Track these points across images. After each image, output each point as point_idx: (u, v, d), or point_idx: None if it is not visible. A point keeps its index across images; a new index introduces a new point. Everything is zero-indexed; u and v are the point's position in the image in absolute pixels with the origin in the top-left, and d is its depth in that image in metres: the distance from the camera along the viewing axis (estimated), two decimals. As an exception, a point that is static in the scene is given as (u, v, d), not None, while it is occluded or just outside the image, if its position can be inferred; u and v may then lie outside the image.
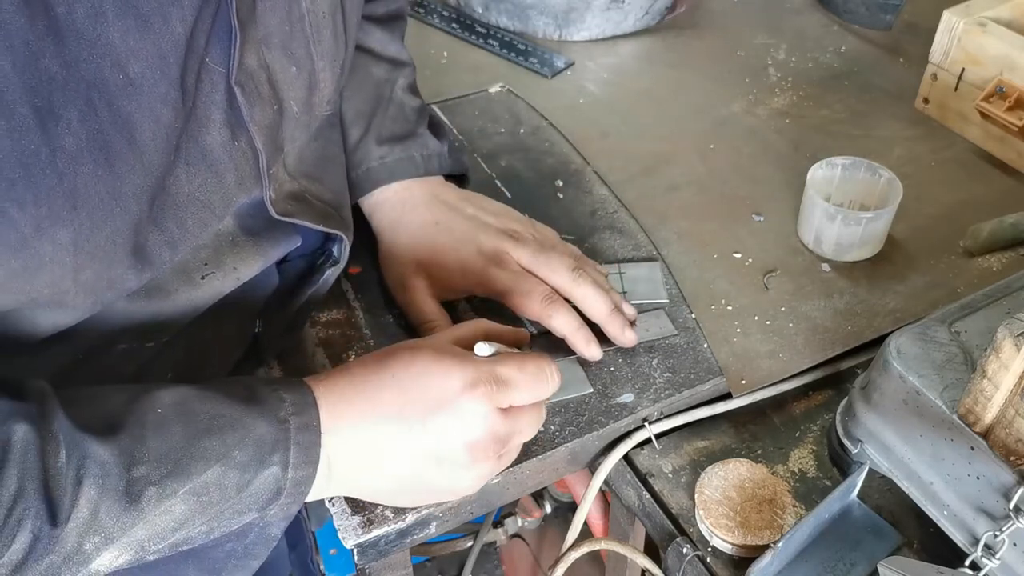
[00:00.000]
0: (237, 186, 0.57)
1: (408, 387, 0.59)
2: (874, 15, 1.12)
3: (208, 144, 0.54)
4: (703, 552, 0.64)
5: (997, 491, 0.55)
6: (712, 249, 0.85)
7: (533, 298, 0.73)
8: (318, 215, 0.66)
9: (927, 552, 0.64)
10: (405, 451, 0.59)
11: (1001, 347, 0.52)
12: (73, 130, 0.46)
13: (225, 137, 0.54)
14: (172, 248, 0.55)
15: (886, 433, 0.62)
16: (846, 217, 0.81)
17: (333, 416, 0.57)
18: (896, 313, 0.79)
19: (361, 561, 0.65)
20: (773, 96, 1.05)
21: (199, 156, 0.53)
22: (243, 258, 0.64)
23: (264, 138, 0.57)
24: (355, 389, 0.59)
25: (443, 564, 1.62)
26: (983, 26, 0.92)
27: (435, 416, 0.58)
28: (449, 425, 0.59)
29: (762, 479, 0.67)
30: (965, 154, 0.97)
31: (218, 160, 0.55)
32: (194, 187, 0.54)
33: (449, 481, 0.61)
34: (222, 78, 0.53)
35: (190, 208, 0.54)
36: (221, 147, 0.54)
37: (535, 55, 1.09)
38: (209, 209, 0.56)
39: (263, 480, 0.54)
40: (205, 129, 0.53)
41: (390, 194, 0.80)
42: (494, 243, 0.76)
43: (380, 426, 0.58)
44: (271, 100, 0.57)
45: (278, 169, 0.62)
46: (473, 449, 0.59)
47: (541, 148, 0.97)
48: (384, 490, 0.62)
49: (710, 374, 0.74)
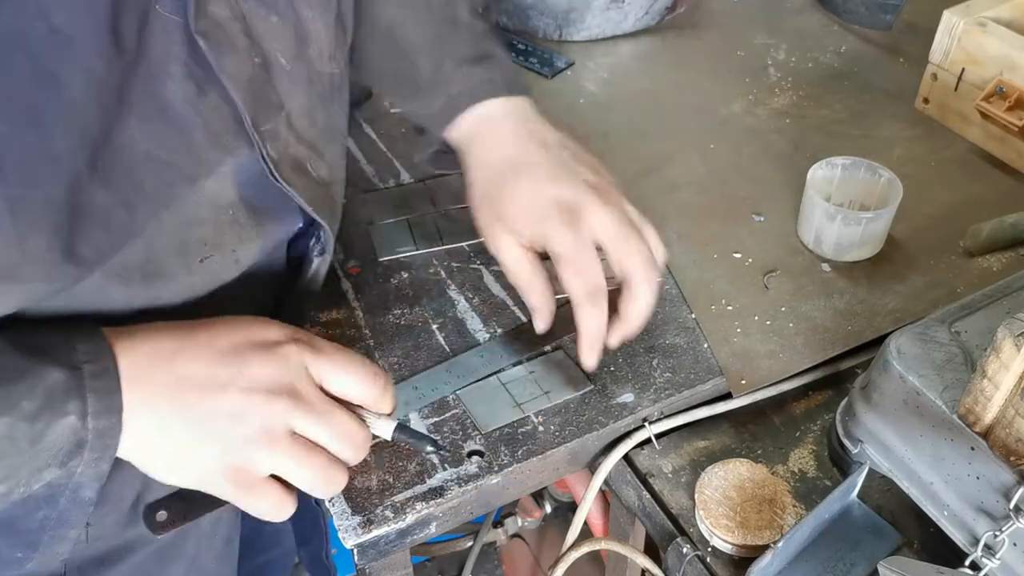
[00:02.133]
0: (211, 144, 0.54)
1: (218, 327, 0.56)
2: (874, 15, 1.12)
3: (167, 98, 0.50)
4: (703, 552, 0.64)
5: (997, 491, 0.55)
6: (712, 249, 0.85)
7: (583, 281, 0.66)
8: (309, 193, 0.62)
9: (927, 552, 0.64)
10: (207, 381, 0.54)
11: (1001, 347, 0.52)
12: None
13: (189, 91, 0.51)
14: (130, 210, 0.51)
15: (886, 433, 0.62)
16: (846, 217, 0.81)
17: (130, 361, 0.53)
18: (896, 313, 0.79)
19: (361, 561, 0.65)
20: (773, 96, 1.05)
21: (156, 111, 0.50)
22: (242, 238, 0.61)
23: (245, 92, 0.54)
24: (159, 333, 0.55)
25: (443, 564, 1.62)
26: (983, 26, 0.92)
27: (248, 351, 0.54)
28: (259, 361, 0.54)
29: (762, 479, 0.67)
30: (965, 154, 0.97)
31: (181, 115, 0.51)
32: (152, 144, 0.51)
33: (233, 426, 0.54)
34: (178, 28, 0.50)
35: (147, 167, 0.51)
36: (184, 101, 0.51)
37: (535, 55, 1.09)
38: (173, 168, 0.52)
39: (59, 431, 0.50)
40: (161, 82, 0.50)
41: (473, 123, 0.72)
42: (577, 196, 0.67)
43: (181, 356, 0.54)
44: (249, 52, 0.54)
45: (279, 128, 0.58)
46: (273, 392, 0.54)
47: (541, 148, 0.97)
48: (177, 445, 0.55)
49: (710, 374, 0.74)
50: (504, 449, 0.69)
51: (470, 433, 0.70)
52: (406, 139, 0.98)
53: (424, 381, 0.73)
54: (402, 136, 0.98)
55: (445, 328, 0.78)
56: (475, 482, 0.67)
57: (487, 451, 0.68)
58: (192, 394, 0.53)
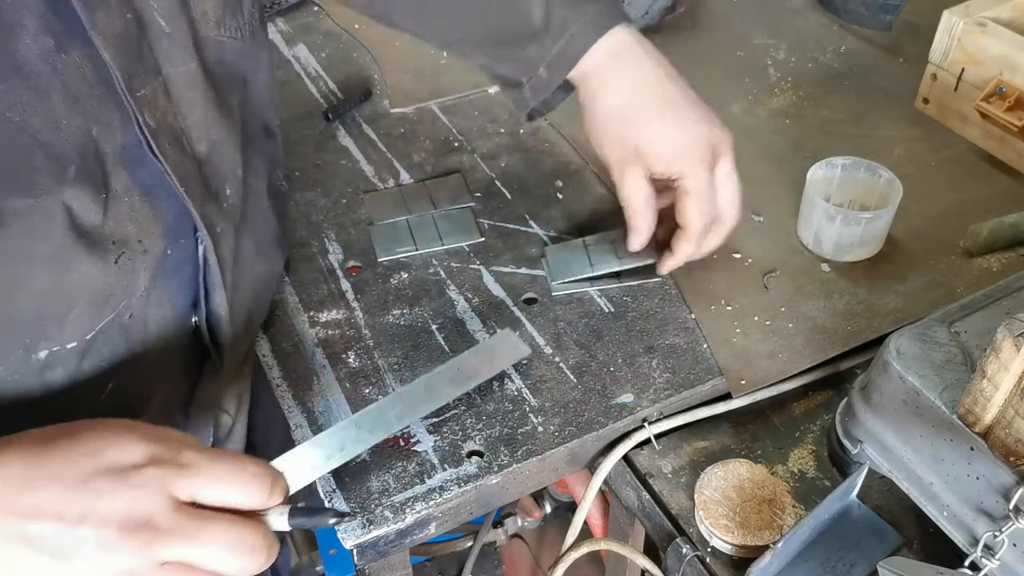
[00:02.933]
0: (69, 106, 0.50)
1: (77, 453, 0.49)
2: (874, 15, 1.12)
3: (20, 54, 0.47)
4: (703, 552, 0.64)
5: (997, 491, 0.55)
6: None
7: (703, 219, 0.74)
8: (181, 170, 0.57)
9: (927, 552, 0.64)
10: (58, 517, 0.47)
11: (1001, 347, 0.52)
12: None
13: (45, 46, 0.48)
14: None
15: (886, 433, 0.62)
16: (846, 217, 0.81)
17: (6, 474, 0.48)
18: (896, 313, 0.79)
19: (361, 561, 0.65)
20: (773, 96, 1.05)
21: (9, 69, 0.47)
22: (143, 226, 0.57)
23: (115, 50, 0.50)
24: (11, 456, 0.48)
25: (443, 564, 1.62)
26: (983, 26, 0.92)
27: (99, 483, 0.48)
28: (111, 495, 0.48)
29: (762, 479, 0.67)
30: (965, 154, 0.97)
31: (36, 73, 0.48)
32: (4, 106, 0.47)
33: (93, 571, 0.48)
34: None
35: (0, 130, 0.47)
36: (40, 58, 0.48)
37: (535, 55, 1.09)
38: (27, 132, 0.48)
39: None
40: (14, 36, 0.47)
41: (601, 57, 0.74)
42: (718, 140, 0.74)
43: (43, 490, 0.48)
44: (120, 8, 0.51)
45: (156, 94, 0.55)
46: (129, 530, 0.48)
47: (541, 148, 0.97)
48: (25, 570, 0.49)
49: (710, 374, 0.74)
50: (504, 449, 0.69)
51: (470, 433, 0.70)
52: (406, 139, 0.98)
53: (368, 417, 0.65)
54: (402, 136, 0.98)
55: (445, 328, 0.78)
56: (475, 482, 0.67)
57: (487, 451, 0.68)
58: (42, 530, 0.47)
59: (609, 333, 0.77)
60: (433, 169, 0.94)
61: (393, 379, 0.74)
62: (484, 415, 0.71)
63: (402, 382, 0.73)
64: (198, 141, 0.60)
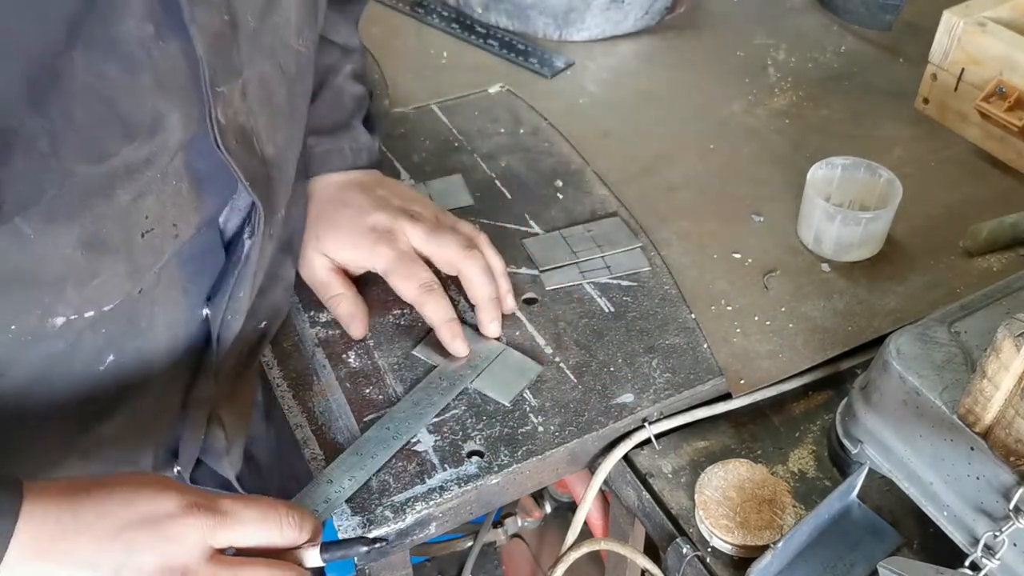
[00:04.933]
0: (157, 89, 0.52)
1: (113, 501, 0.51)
2: (874, 15, 1.12)
3: (121, 34, 0.49)
4: (703, 552, 0.64)
5: (997, 491, 0.55)
6: (712, 249, 0.85)
7: (411, 282, 0.74)
8: (249, 168, 0.60)
9: (927, 552, 0.64)
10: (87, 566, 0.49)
11: (1001, 347, 0.52)
12: None
13: (146, 32, 0.50)
14: (52, 139, 0.48)
15: (886, 433, 0.62)
16: (846, 217, 0.81)
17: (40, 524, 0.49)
18: (896, 313, 0.79)
19: (361, 561, 0.65)
20: (773, 96, 1.05)
21: (106, 44, 0.49)
22: (183, 210, 0.59)
23: (208, 46, 0.53)
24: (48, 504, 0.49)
25: (443, 564, 1.62)
26: (983, 26, 0.92)
27: (135, 534, 0.50)
28: (149, 547, 0.50)
29: (762, 479, 0.67)
30: (965, 154, 0.97)
31: (131, 54, 0.50)
32: (91, 76, 0.49)
33: None
34: None
35: (81, 97, 0.49)
36: (138, 42, 0.50)
37: (535, 55, 1.09)
38: (107, 104, 0.50)
39: None
40: (118, 17, 0.48)
41: (315, 185, 0.79)
42: (389, 221, 0.76)
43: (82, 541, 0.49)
44: (222, 8, 0.54)
45: (234, 93, 0.57)
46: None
47: (541, 148, 0.97)
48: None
49: (710, 374, 0.74)
50: (504, 449, 0.69)
51: (470, 433, 0.70)
52: (406, 139, 0.98)
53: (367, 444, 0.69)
54: (402, 136, 0.98)
55: (445, 328, 0.78)
56: (475, 482, 0.67)
57: (487, 451, 0.68)
58: None
59: (609, 333, 0.77)
60: (433, 169, 0.94)
61: (393, 379, 0.74)
62: (484, 415, 0.71)
63: (402, 382, 0.73)
64: (267, 143, 0.62)
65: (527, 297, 0.81)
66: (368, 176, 0.82)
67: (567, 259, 0.83)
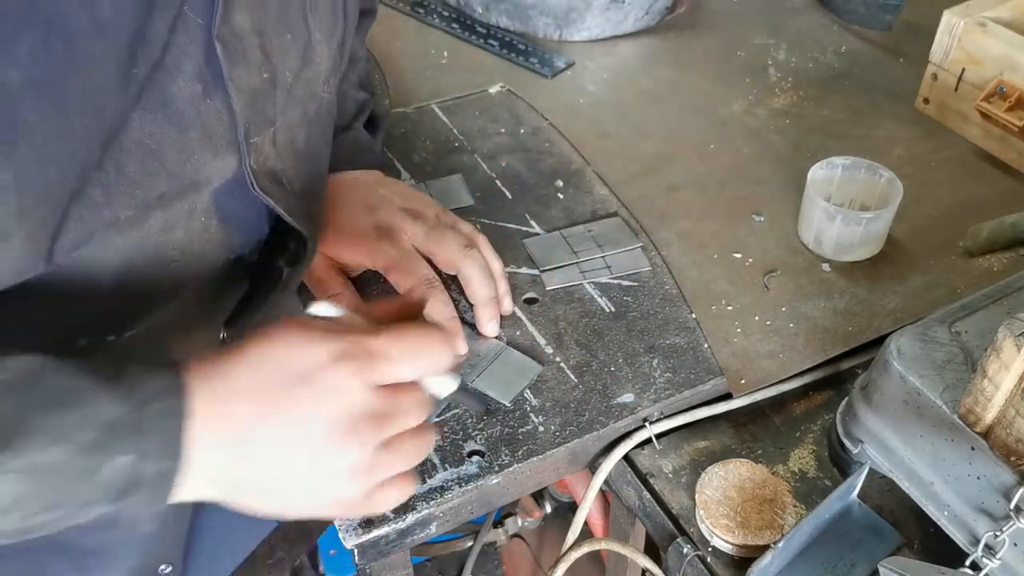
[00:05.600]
0: (203, 144, 0.54)
1: (267, 365, 0.51)
2: (874, 15, 1.12)
3: (172, 93, 0.52)
4: (703, 552, 0.64)
5: (997, 491, 0.55)
6: (712, 249, 0.85)
7: (413, 279, 0.74)
8: (285, 203, 0.62)
9: (927, 552, 0.64)
10: (269, 442, 0.51)
11: (1001, 347, 0.52)
12: (20, 64, 0.44)
13: (194, 91, 0.53)
14: (106, 190, 0.50)
15: (886, 433, 0.62)
16: (846, 217, 0.81)
17: (202, 404, 0.50)
18: (896, 313, 0.79)
19: (361, 561, 0.65)
20: (773, 96, 1.05)
21: (159, 103, 0.51)
22: (210, 247, 0.61)
23: (245, 103, 0.55)
24: (222, 374, 0.51)
25: (443, 564, 1.62)
26: (983, 26, 0.92)
27: (297, 394, 0.50)
28: (311, 402, 0.50)
29: (762, 479, 0.67)
30: (965, 154, 0.97)
31: (181, 112, 0.52)
32: (144, 133, 0.51)
33: (326, 477, 0.52)
34: (200, 30, 0.51)
35: (134, 152, 0.51)
36: (188, 100, 0.52)
37: (535, 55, 1.09)
38: (157, 158, 0.52)
39: (114, 468, 0.47)
40: (171, 78, 0.51)
41: None
42: (390, 219, 0.77)
43: (242, 414, 0.50)
44: (261, 66, 0.56)
45: (265, 142, 0.59)
46: (344, 431, 0.51)
47: (541, 148, 0.97)
48: (263, 491, 0.53)
49: (710, 374, 0.74)
50: (504, 449, 0.69)
51: (470, 433, 0.70)
52: (406, 139, 0.98)
53: None
54: (402, 136, 0.98)
55: (445, 328, 0.78)
56: (475, 482, 0.67)
57: (487, 451, 0.68)
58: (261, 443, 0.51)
59: (610, 333, 0.77)
60: (433, 169, 0.94)
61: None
62: (485, 415, 0.71)
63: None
64: (294, 181, 0.65)
65: (527, 297, 0.81)
66: (368, 176, 0.82)
67: (567, 259, 0.83)
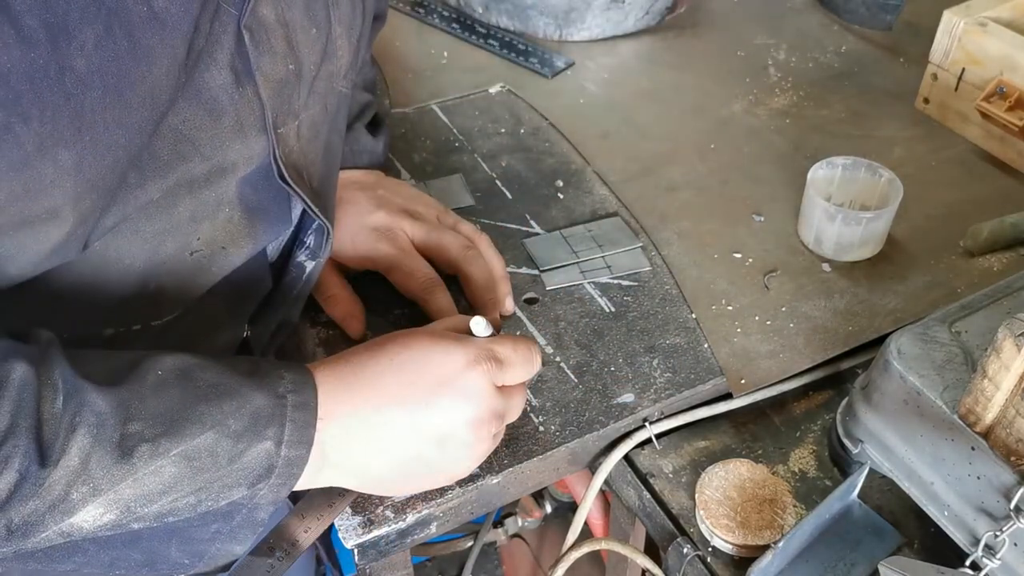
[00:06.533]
0: (235, 131, 0.56)
1: (408, 369, 0.59)
2: (874, 15, 1.12)
3: (206, 81, 0.53)
4: (703, 552, 0.64)
5: (998, 491, 0.55)
6: (712, 249, 0.85)
7: (414, 278, 0.75)
8: (309, 196, 0.65)
9: (927, 552, 0.64)
10: (407, 435, 0.58)
11: (1002, 347, 0.52)
12: (86, 53, 0.46)
13: (227, 79, 0.54)
14: (140, 174, 0.53)
15: (886, 433, 0.62)
16: (846, 217, 0.81)
17: (332, 400, 0.57)
18: (896, 313, 0.79)
19: (361, 561, 0.65)
20: (773, 96, 1.05)
21: (193, 91, 0.53)
22: (234, 238, 0.62)
23: (272, 92, 0.57)
24: (355, 374, 0.59)
25: (443, 564, 1.62)
26: (983, 26, 0.92)
27: (438, 395, 0.58)
28: (453, 403, 0.58)
29: (762, 479, 0.67)
30: (965, 154, 0.97)
31: (215, 99, 0.54)
32: (179, 119, 0.53)
33: (450, 462, 0.60)
34: (232, 20, 0.53)
35: (168, 137, 0.53)
36: (221, 88, 0.54)
37: (535, 55, 1.09)
38: (190, 142, 0.54)
39: (256, 454, 0.53)
40: (205, 66, 0.53)
41: None
42: (389, 219, 0.77)
43: (381, 411, 0.58)
44: (287, 57, 0.58)
45: (290, 134, 0.61)
46: (476, 427, 0.59)
47: (541, 148, 0.97)
48: (382, 477, 0.61)
49: (710, 374, 0.74)
50: (504, 449, 0.69)
51: (470, 433, 0.70)
52: (406, 139, 0.98)
53: None
54: (402, 136, 0.98)
55: (445, 328, 0.78)
56: (475, 482, 0.67)
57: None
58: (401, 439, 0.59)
59: (610, 333, 0.77)
60: (433, 169, 0.94)
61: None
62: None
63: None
64: (313, 177, 0.66)
65: (528, 297, 0.81)
66: (369, 176, 0.82)
67: (568, 259, 0.83)
